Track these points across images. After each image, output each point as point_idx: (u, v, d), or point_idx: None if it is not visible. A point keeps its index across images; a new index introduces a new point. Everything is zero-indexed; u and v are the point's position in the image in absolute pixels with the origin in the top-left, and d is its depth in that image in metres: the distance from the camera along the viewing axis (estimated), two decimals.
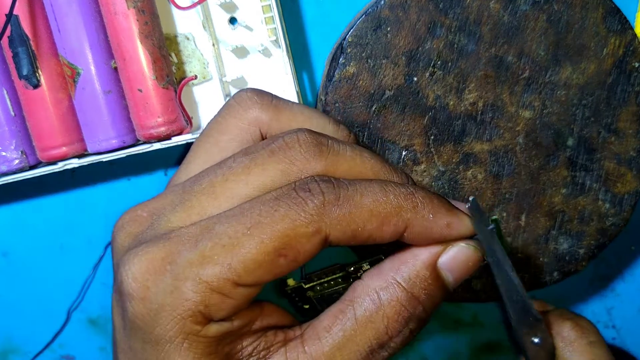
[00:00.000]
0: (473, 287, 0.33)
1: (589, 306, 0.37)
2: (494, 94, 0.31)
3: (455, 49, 0.31)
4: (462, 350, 0.38)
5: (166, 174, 0.35)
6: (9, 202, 0.35)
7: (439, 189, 0.32)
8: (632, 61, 0.31)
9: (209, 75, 0.32)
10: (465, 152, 0.31)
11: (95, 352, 0.37)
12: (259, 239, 0.21)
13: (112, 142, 0.30)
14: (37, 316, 0.36)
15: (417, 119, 0.31)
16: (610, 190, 0.32)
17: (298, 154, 0.22)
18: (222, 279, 0.21)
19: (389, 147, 0.31)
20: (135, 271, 0.21)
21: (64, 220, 0.35)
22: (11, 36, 0.29)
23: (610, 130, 0.31)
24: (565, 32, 0.31)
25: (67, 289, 0.36)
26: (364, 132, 0.31)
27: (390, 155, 0.31)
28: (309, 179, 0.22)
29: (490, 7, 0.30)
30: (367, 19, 0.30)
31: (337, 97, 0.31)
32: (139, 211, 0.24)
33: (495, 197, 0.32)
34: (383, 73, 0.31)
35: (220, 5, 0.31)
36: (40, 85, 0.30)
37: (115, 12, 0.29)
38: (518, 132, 0.31)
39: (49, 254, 0.36)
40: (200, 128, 0.33)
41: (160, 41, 0.30)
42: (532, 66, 0.31)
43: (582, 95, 0.31)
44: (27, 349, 0.37)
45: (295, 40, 0.33)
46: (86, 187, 0.35)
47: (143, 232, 0.23)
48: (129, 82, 0.29)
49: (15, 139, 0.31)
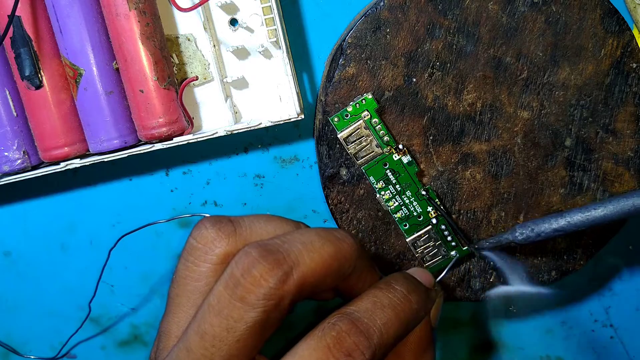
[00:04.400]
0: (472, 286, 0.33)
1: (587, 305, 0.37)
2: (493, 95, 0.31)
3: (454, 50, 0.31)
4: (460, 349, 0.38)
5: (167, 174, 0.35)
6: (11, 202, 0.35)
7: (437, 189, 0.32)
8: (630, 62, 0.31)
9: (210, 76, 0.32)
10: (464, 152, 0.32)
11: (97, 351, 0.37)
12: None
13: (114, 143, 0.30)
14: (38, 316, 0.37)
15: (416, 120, 0.31)
16: (608, 190, 0.32)
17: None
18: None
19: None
20: None
21: (65, 220, 0.35)
22: (13, 37, 0.29)
23: (608, 130, 0.31)
24: (564, 33, 0.31)
25: (69, 288, 0.36)
26: None
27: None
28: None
29: (489, 8, 0.30)
30: (367, 20, 0.31)
31: (337, 98, 0.31)
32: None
33: (493, 197, 0.32)
34: (382, 74, 0.31)
35: (221, 7, 0.32)
36: (42, 86, 0.30)
37: (117, 13, 0.29)
38: (516, 132, 0.31)
39: (50, 253, 0.36)
40: (201, 128, 0.33)
41: (162, 42, 0.30)
42: (530, 67, 0.31)
43: (580, 95, 0.31)
44: (28, 348, 0.37)
45: (295, 42, 0.33)
46: (88, 187, 0.35)
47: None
48: (131, 83, 0.30)
49: (17, 139, 0.31)
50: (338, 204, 0.32)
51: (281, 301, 0.23)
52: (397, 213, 0.32)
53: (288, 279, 0.23)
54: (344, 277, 0.25)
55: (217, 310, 0.23)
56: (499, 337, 0.38)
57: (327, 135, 0.31)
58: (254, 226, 0.26)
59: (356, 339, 0.23)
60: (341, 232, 0.25)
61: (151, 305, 0.37)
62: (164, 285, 0.36)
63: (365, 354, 0.23)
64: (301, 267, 0.23)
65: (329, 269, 0.24)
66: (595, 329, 0.38)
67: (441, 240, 0.32)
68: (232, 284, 0.23)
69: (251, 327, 0.22)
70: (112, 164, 0.35)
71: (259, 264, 0.23)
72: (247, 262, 0.23)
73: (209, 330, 0.23)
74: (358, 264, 0.25)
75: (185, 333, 0.24)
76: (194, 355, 0.23)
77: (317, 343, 0.23)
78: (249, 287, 0.22)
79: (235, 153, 0.35)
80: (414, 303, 0.26)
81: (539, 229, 0.29)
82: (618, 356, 0.38)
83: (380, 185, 0.31)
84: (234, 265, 0.23)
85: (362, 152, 0.31)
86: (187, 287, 0.25)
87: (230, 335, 0.22)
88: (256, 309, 0.22)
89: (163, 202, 0.35)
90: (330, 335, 0.23)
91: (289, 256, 0.23)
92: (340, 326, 0.24)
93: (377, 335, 0.24)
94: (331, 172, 0.32)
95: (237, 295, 0.23)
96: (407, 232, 0.32)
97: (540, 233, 0.29)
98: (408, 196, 0.32)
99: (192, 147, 0.34)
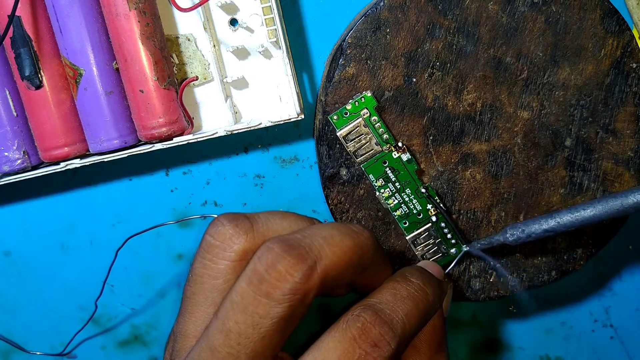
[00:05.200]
0: (472, 286, 0.33)
1: (587, 305, 0.37)
2: (493, 95, 0.31)
3: (454, 50, 0.31)
4: (460, 349, 0.38)
5: (167, 174, 0.35)
6: (11, 202, 0.35)
7: (437, 189, 0.32)
8: (630, 62, 0.31)
9: (210, 76, 0.32)
10: (464, 153, 0.32)
11: (97, 351, 0.37)
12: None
13: (114, 143, 0.30)
14: (38, 316, 0.37)
15: (416, 120, 0.31)
16: (608, 190, 0.32)
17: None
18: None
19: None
20: None
21: (65, 220, 0.35)
22: (13, 37, 0.29)
23: (608, 130, 0.31)
24: (564, 33, 0.31)
25: (69, 288, 0.36)
26: None
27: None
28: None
29: (489, 8, 0.30)
30: (367, 20, 0.31)
31: (337, 98, 0.31)
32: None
33: (493, 197, 0.32)
34: (382, 74, 0.31)
35: (221, 7, 0.32)
36: (42, 86, 0.30)
37: (117, 13, 0.29)
38: (516, 132, 0.31)
39: (50, 253, 0.36)
40: (201, 128, 0.33)
41: (162, 42, 0.30)
42: (530, 67, 0.31)
43: (580, 95, 0.31)
44: (28, 348, 0.37)
45: (295, 42, 0.33)
46: (88, 187, 0.35)
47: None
48: (131, 83, 0.30)
49: (17, 139, 0.31)
50: (338, 204, 0.32)
51: (307, 295, 0.23)
52: (396, 211, 0.32)
53: (313, 273, 0.23)
54: (362, 270, 0.25)
55: (241, 307, 0.23)
56: (499, 337, 0.38)
57: (327, 135, 0.31)
58: (270, 222, 0.25)
59: (381, 329, 0.23)
60: (358, 226, 0.25)
61: (151, 305, 0.37)
62: (164, 285, 0.36)
63: (391, 344, 0.23)
64: (324, 261, 0.23)
65: (350, 262, 0.24)
66: (595, 329, 0.38)
67: (441, 238, 0.32)
68: (257, 280, 0.23)
69: (277, 322, 0.22)
70: (112, 164, 0.35)
71: (283, 259, 0.23)
72: (271, 257, 0.23)
73: (234, 327, 0.22)
74: (375, 257, 0.25)
75: (206, 332, 0.23)
76: (219, 354, 0.23)
77: (343, 335, 0.23)
78: (274, 283, 0.22)
79: (235, 153, 0.35)
80: (430, 295, 0.26)
81: (529, 229, 0.29)
82: (618, 356, 0.38)
83: (379, 183, 0.31)
84: (256, 260, 0.23)
85: (362, 150, 0.31)
86: (205, 286, 0.25)
87: (256, 332, 0.22)
88: (282, 304, 0.22)
89: (163, 202, 0.35)
90: (356, 326, 0.23)
91: (312, 250, 0.23)
92: (364, 317, 0.24)
93: (401, 326, 0.24)
94: (331, 172, 0.32)
95: (262, 291, 0.22)
96: (407, 230, 0.32)
97: (531, 234, 0.29)
98: (408, 194, 0.32)
99: (192, 147, 0.34)
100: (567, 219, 0.29)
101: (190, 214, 0.35)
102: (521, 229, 0.29)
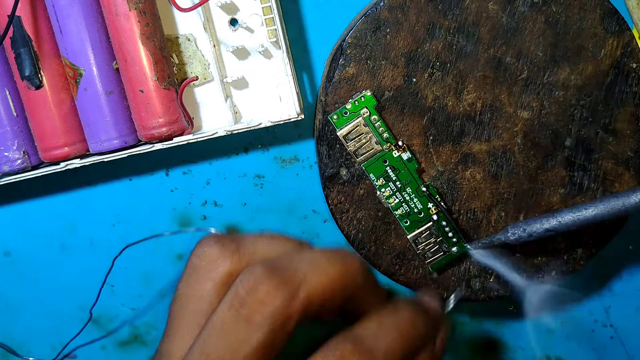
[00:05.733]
0: (472, 286, 0.33)
1: (587, 305, 0.37)
2: (493, 95, 0.31)
3: (454, 50, 0.31)
4: (460, 349, 0.38)
5: (167, 174, 0.35)
6: (11, 201, 0.35)
7: (437, 189, 0.32)
8: (630, 62, 0.31)
9: (210, 76, 0.32)
10: (464, 152, 0.32)
11: (97, 351, 0.37)
12: None
13: (114, 143, 0.30)
14: (38, 315, 0.37)
15: (416, 120, 0.31)
16: (608, 190, 0.32)
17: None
18: None
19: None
20: None
21: (65, 220, 0.35)
22: (13, 37, 0.29)
23: (608, 130, 0.31)
24: (564, 33, 0.31)
25: (69, 288, 0.36)
26: None
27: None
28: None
29: (489, 8, 0.30)
30: (367, 20, 0.31)
31: (337, 98, 0.31)
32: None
33: (493, 197, 0.32)
34: (382, 74, 0.31)
35: (221, 7, 0.32)
36: (42, 86, 0.30)
37: (117, 13, 0.29)
38: (516, 132, 0.31)
39: (50, 253, 0.36)
40: (201, 128, 0.33)
41: (162, 42, 0.30)
42: (530, 67, 0.31)
43: (580, 95, 0.31)
44: (28, 348, 0.37)
45: (295, 42, 0.33)
46: (88, 187, 0.35)
47: None
48: (131, 83, 0.30)
49: (17, 139, 0.31)
50: (338, 204, 0.32)
51: (288, 321, 0.22)
52: (397, 210, 0.32)
53: (295, 297, 0.22)
54: (349, 297, 0.25)
55: (221, 331, 0.22)
56: (499, 337, 0.38)
57: (327, 135, 0.31)
58: (257, 245, 0.25)
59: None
60: (346, 252, 0.25)
61: (151, 305, 0.37)
62: (164, 285, 0.36)
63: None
64: (308, 286, 0.23)
65: (336, 288, 0.24)
66: (595, 329, 0.38)
67: (442, 237, 0.32)
68: (237, 304, 0.22)
69: (256, 348, 0.22)
70: (112, 164, 0.35)
71: (265, 282, 0.22)
72: (253, 280, 0.22)
73: (213, 352, 0.22)
74: (364, 283, 0.25)
75: (188, 355, 0.23)
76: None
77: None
78: (254, 306, 0.22)
79: (235, 153, 0.35)
80: (418, 328, 0.25)
81: (531, 229, 0.29)
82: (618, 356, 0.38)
83: (380, 182, 0.31)
84: (238, 283, 0.23)
85: (362, 149, 0.31)
86: (190, 306, 0.25)
87: (235, 357, 0.22)
88: (262, 329, 0.22)
89: (163, 202, 0.35)
90: (335, 356, 0.23)
91: (296, 275, 0.23)
92: (343, 347, 0.23)
93: (381, 357, 0.24)
94: (331, 172, 0.32)
95: (242, 315, 0.22)
96: (408, 229, 0.32)
97: (532, 233, 0.29)
98: (408, 193, 0.32)
99: (192, 147, 0.34)
100: (569, 218, 0.29)
101: (190, 214, 0.35)
102: (522, 228, 0.29)
